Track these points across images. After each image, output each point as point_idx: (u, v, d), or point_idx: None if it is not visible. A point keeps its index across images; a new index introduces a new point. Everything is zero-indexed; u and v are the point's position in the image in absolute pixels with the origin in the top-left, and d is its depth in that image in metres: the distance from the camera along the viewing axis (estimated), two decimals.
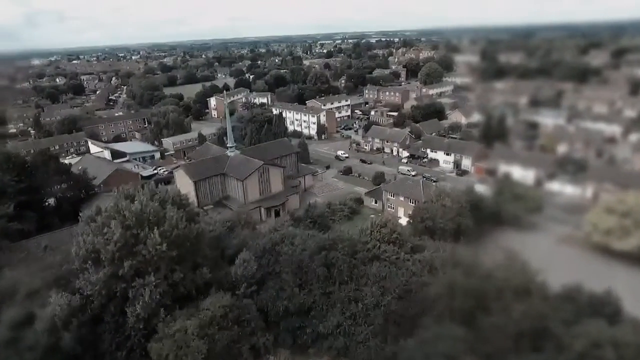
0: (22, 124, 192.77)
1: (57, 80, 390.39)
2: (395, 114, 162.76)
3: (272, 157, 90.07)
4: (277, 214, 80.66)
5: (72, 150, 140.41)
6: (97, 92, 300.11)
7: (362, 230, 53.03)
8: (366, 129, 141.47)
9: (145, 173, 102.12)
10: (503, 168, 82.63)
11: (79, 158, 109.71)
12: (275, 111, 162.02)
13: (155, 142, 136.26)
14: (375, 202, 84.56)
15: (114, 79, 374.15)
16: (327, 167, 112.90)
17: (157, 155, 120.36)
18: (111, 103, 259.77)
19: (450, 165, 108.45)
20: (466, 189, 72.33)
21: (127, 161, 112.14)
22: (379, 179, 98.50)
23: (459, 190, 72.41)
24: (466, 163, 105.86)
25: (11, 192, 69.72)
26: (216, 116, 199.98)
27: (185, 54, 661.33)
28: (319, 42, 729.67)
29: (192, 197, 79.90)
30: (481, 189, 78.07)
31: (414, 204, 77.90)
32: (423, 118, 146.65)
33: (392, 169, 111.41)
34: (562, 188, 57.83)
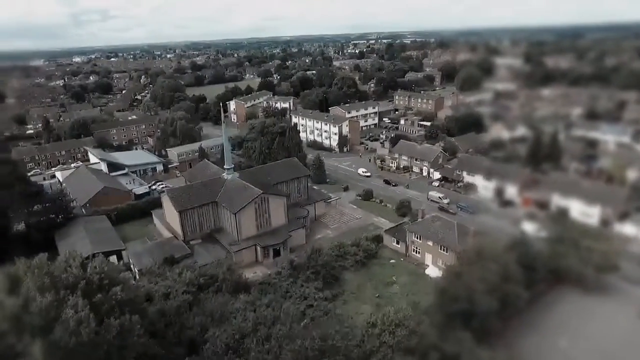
0: (40, 125, 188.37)
1: (91, 77, 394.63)
2: (427, 124, 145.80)
3: (277, 181, 76.50)
4: (276, 253, 66.93)
5: (79, 156, 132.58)
6: (123, 92, 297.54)
7: (367, 332, 38.00)
8: (393, 142, 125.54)
9: (139, 191, 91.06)
10: (557, 201, 66.15)
11: (71, 170, 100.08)
12: (294, 119, 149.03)
13: (163, 151, 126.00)
14: (398, 243, 69.24)
15: (143, 77, 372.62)
16: (345, 189, 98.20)
17: (160, 167, 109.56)
18: (135, 103, 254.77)
19: (491, 193, 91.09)
20: (515, 241, 56.32)
21: (125, 174, 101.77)
22: (404, 209, 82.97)
23: (504, 241, 56.55)
24: (511, 191, 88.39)
25: None
26: (236, 120, 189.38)
27: (218, 53, 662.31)
28: (352, 42, 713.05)
29: (178, 229, 67.64)
30: (531, 228, 62.21)
31: (445, 251, 62.29)
32: (459, 131, 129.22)
33: (420, 193, 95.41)
34: None
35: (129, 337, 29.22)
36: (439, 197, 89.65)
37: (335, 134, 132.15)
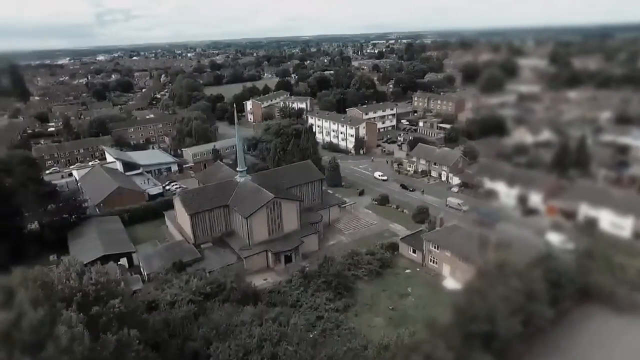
0: (61, 123, 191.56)
1: (113, 76, 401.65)
2: (447, 126, 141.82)
3: (291, 185, 74.71)
4: (288, 260, 65.13)
5: (97, 154, 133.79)
6: (143, 90, 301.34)
7: (379, 354, 35.65)
8: (411, 145, 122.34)
9: (153, 191, 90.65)
10: (585, 210, 62.49)
11: (88, 169, 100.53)
12: (310, 120, 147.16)
13: (179, 151, 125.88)
14: (414, 252, 66.53)
15: (163, 76, 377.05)
16: (361, 193, 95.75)
17: (175, 167, 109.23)
18: (154, 102, 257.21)
19: (514, 200, 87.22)
20: (540, 254, 53.23)
21: (140, 174, 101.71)
22: (421, 215, 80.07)
23: (528, 255, 53.57)
24: (535, 199, 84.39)
25: None
26: (252, 120, 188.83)
27: (238, 52, 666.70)
28: (371, 42, 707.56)
29: (189, 232, 66.56)
30: (556, 239, 59.00)
31: (464, 262, 59.35)
32: (480, 134, 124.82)
33: (438, 199, 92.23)
34: None
35: (127, 353, 27.75)
36: (458, 204, 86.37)
37: (352, 135, 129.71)
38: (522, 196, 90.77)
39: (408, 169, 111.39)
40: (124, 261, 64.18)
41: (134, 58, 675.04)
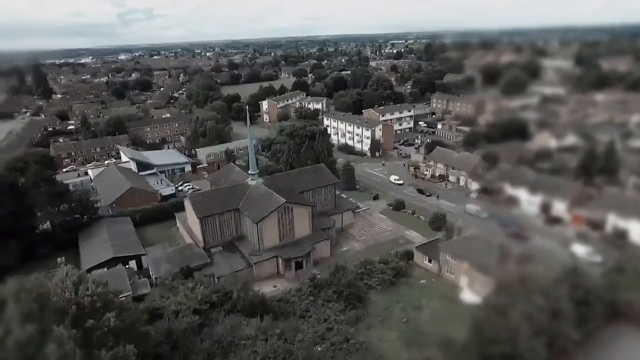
0: (79, 121, 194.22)
1: (133, 75, 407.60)
2: (466, 129, 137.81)
3: (304, 189, 72.89)
4: (299, 266, 63.30)
5: (113, 153, 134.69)
6: (162, 89, 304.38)
7: None
8: (428, 148, 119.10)
9: (166, 192, 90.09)
10: (614, 221, 59.01)
11: (101, 169, 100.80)
12: (326, 121, 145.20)
13: (193, 151, 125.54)
14: (430, 261, 63.84)
15: (181, 75, 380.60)
16: (375, 197, 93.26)
17: (188, 168, 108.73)
18: (172, 101, 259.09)
19: (536, 208, 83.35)
20: (566, 270, 50.18)
21: (154, 174, 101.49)
22: (438, 222, 77.20)
23: (553, 269, 50.57)
24: (559, 207, 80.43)
25: None
26: (268, 120, 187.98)
27: (256, 52, 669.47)
28: (389, 42, 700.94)
29: (198, 235, 65.37)
30: (582, 251, 55.83)
31: (483, 274, 56.43)
32: (501, 137, 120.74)
33: (456, 205, 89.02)
34: None
35: None
36: (477, 211, 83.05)
37: (368, 138, 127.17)
38: (545, 204, 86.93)
39: (425, 172, 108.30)
40: (133, 264, 63.45)
41: (154, 57, 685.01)
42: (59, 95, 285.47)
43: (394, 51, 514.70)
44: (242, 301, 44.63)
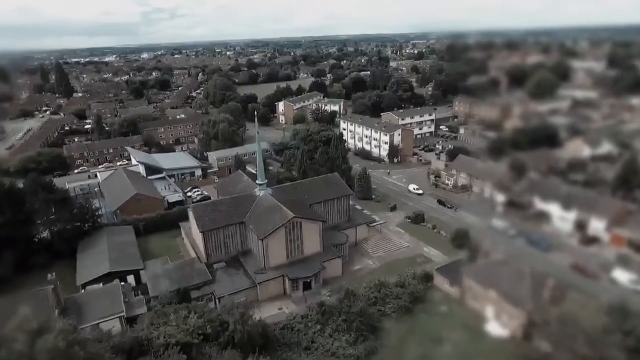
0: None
1: (153, 74, 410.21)
2: (491, 134, 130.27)
3: (315, 201, 67.88)
4: (307, 286, 58.31)
5: (125, 154, 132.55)
6: (180, 88, 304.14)
7: None
8: (451, 156, 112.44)
9: (173, 198, 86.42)
10: None
11: (110, 172, 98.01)
12: (342, 124, 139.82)
13: (205, 154, 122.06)
14: (451, 285, 57.90)
15: (200, 74, 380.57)
16: (393, 208, 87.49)
17: (198, 172, 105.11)
18: (189, 100, 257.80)
19: (570, 225, 76.13)
20: (612, 305, 43.69)
21: (162, 178, 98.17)
22: (460, 239, 70.87)
23: (598, 305, 44.23)
24: (597, 226, 73.03)
25: None
26: (283, 122, 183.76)
27: (275, 51, 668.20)
28: (411, 42, 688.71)
29: (201, 249, 61.11)
30: (624, 277, 49.32)
31: (513, 306, 50.21)
32: (529, 145, 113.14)
33: (481, 219, 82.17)
34: None
35: None
36: (504, 227, 76.26)
37: (386, 143, 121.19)
38: (580, 221, 79.13)
39: (446, 182, 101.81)
40: (131, 279, 59.66)
41: (176, 56, 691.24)
42: (80, 94, 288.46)
43: (415, 51, 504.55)
44: (239, 333, 39.90)
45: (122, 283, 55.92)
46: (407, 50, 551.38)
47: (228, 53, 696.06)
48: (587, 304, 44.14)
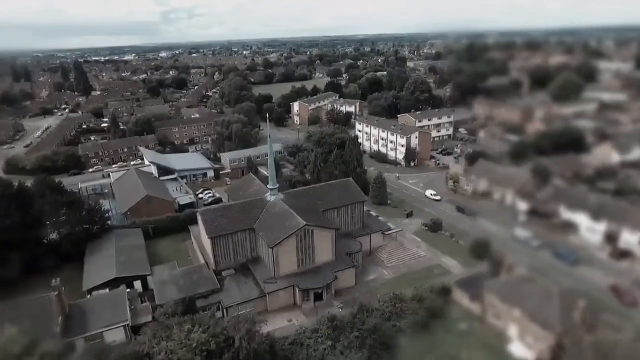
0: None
1: (170, 72, 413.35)
2: (513, 138, 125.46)
3: (328, 207, 65.28)
4: (318, 297, 55.79)
5: (139, 154, 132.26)
6: (196, 87, 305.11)
7: None
8: (470, 159, 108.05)
9: (183, 200, 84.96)
10: None
11: (122, 172, 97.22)
12: (358, 125, 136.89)
13: (218, 155, 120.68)
14: (471, 300, 54.59)
15: (216, 73, 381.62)
16: (409, 214, 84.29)
17: (211, 173, 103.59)
18: (205, 100, 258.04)
19: (599, 237, 71.60)
20: None
21: (174, 179, 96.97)
22: (480, 249, 67.21)
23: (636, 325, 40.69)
24: (630, 239, 68.41)
25: None
26: (298, 122, 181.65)
27: (292, 50, 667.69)
28: (429, 42, 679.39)
29: (210, 255, 59.17)
30: None
31: (539, 326, 46.71)
32: (553, 149, 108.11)
33: (502, 229, 78.34)
34: None
35: None
36: (528, 238, 72.37)
37: (403, 145, 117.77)
38: (610, 233, 74.43)
39: (465, 187, 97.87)
40: (138, 284, 58.09)
41: (193, 55, 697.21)
42: (98, 92, 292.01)
43: (433, 51, 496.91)
44: (245, 350, 37.61)
45: (128, 290, 54.36)
46: (425, 50, 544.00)
47: (245, 52, 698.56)
48: (624, 328, 40.46)
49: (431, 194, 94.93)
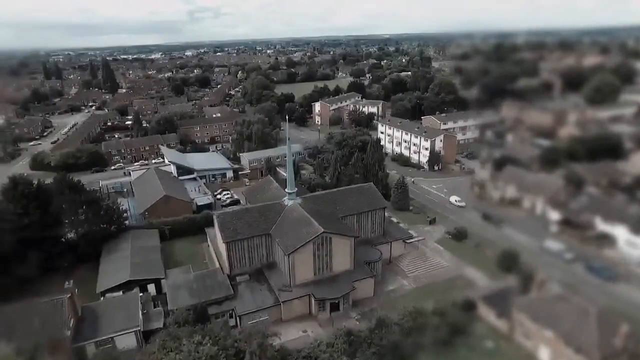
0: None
1: (195, 71, 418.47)
2: (544, 143, 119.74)
3: (347, 213, 62.84)
4: (334, 307, 53.50)
5: (161, 152, 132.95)
6: (219, 86, 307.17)
7: None
8: (498, 165, 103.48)
9: (202, 201, 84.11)
10: None
11: (142, 171, 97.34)
12: (380, 127, 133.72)
13: (238, 154, 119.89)
14: (498, 317, 51.19)
15: (239, 72, 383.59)
16: (432, 221, 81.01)
17: (230, 174, 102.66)
18: (228, 99, 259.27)
19: None
20: None
21: (193, 179, 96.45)
22: (508, 262, 63.53)
23: None
24: None
25: (10, 227, 55.84)
26: (319, 123, 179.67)
27: (315, 50, 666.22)
28: (454, 42, 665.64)
29: (225, 260, 57.73)
30: None
31: (574, 350, 43.06)
32: (588, 156, 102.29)
33: (532, 240, 74.14)
34: None
35: None
36: (560, 250, 68.03)
37: (427, 149, 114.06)
38: None
39: (493, 194, 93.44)
40: (152, 287, 57.17)
41: (218, 54, 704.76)
42: (124, 90, 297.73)
43: (459, 51, 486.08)
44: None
45: (141, 294, 53.37)
46: (451, 50, 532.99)
47: (268, 51, 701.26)
48: None
49: (456, 200, 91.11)
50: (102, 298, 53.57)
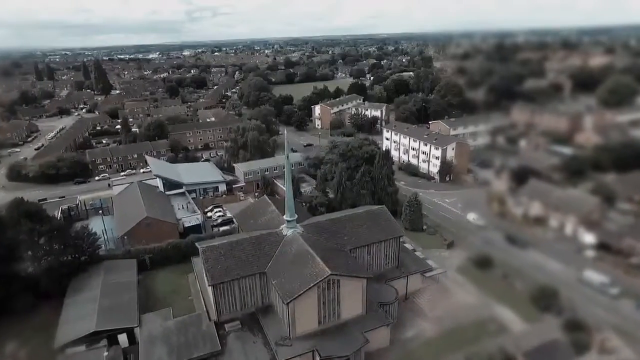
0: (130, 120, 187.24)
1: (192, 71, 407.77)
2: (564, 150, 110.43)
3: (357, 244, 53.22)
4: None
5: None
6: (215, 87, 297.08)
7: None
8: (517, 176, 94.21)
9: (189, 222, 74.55)
10: None
11: (126, 185, 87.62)
12: (385, 133, 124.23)
13: (232, 164, 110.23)
14: None
15: (237, 73, 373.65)
16: (449, 245, 71.70)
17: (223, 187, 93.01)
18: (224, 100, 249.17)
19: None
20: None
21: (182, 194, 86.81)
22: (546, 299, 54.47)
23: None
24: None
25: None
26: (320, 127, 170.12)
27: (314, 49, 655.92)
28: (454, 41, 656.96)
29: (211, 304, 48.18)
30: None
31: None
32: (615, 166, 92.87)
33: (567, 268, 64.76)
34: None
35: None
36: (601, 283, 58.83)
37: (437, 157, 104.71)
38: None
39: (514, 211, 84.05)
40: (123, 337, 47.59)
41: (216, 53, 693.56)
42: (117, 91, 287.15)
43: (460, 51, 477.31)
44: None
45: (106, 352, 43.74)
46: (452, 50, 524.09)
47: (267, 51, 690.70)
48: None
49: (474, 219, 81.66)
50: (60, 355, 43.97)
